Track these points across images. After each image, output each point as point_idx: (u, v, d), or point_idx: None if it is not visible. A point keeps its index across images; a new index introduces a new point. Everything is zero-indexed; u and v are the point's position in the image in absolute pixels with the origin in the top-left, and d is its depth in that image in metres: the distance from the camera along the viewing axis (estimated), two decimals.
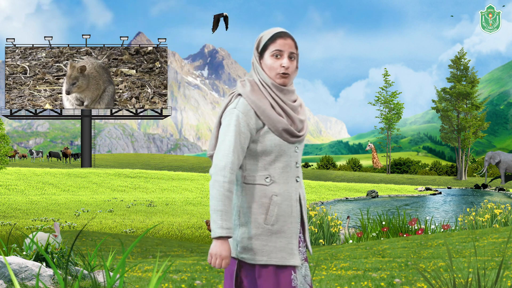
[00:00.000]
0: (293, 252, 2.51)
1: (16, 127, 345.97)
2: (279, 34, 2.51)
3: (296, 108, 2.55)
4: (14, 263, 4.52)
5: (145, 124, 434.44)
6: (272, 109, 2.49)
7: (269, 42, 2.51)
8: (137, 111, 54.48)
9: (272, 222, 2.48)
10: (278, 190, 2.50)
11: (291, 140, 2.51)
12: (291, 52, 2.51)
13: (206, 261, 7.66)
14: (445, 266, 6.49)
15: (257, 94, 2.50)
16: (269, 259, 2.47)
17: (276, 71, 2.50)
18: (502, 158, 49.03)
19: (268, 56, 2.51)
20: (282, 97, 2.52)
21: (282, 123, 2.48)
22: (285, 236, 2.50)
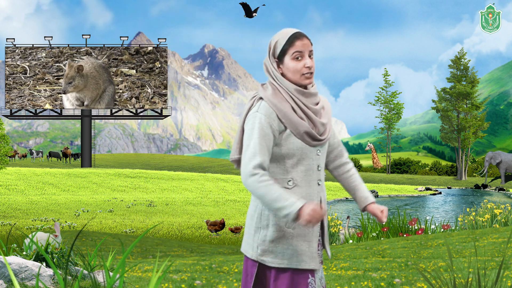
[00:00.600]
0: (313, 256, 2.51)
1: (16, 127, 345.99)
2: (295, 36, 2.49)
3: (318, 111, 2.53)
4: (14, 263, 4.52)
5: (145, 124, 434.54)
6: (293, 112, 2.49)
7: (287, 46, 2.49)
8: (137, 111, 54.48)
9: (294, 226, 2.48)
10: (300, 194, 2.49)
11: (312, 143, 2.50)
12: (310, 50, 2.51)
13: (206, 261, 7.65)
14: (445, 266, 6.49)
15: (278, 97, 2.50)
16: (290, 262, 2.48)
17: (301, 72, 2.49)
18: (502, 159, 49.03)
19: (289, 60, 2.49)
20: (304, 100, 2.51)
21: (303, 126, 2.48)
22: (306, 239, 2.50)
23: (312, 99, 2.52)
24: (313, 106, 2.52)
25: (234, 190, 33.88)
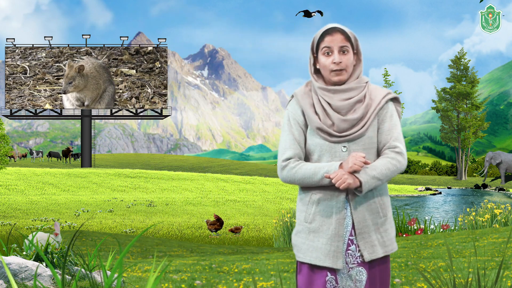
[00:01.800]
0: (331, 254, 2.44)
1: (16, 127, 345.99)
2: (326, 32, 2.49)
3: (343, 107, 2.47)
4: (14, 263, 4.51)
5: (145, 124, 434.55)
6: (311, 107, 2.50)
7: (319, 41, 2.50)
8: (137, 111, 54.48)
9: (310, 220, 2.49)
10: (317, 190, 2.48)
11: (331, 140, 2.47)
12: (341, 46, 2.47)
13: (206, 261, 7.65)
14: (445, 266, 6.48)
15: (305, 93, 2.54)
16: (304, 256, 2.48)
17: (329, 68, 2.48)
18: (503, 159, 49.03)
19: (321, 56, 2.50)
20: (328, 97, 2.49)
21: (315, 122, 2.48)
22: (324, 236, 2.46)
23: (341, 95, 2.48)
24: (338, 102, 2.48)
25: (234, 190, 33.88)
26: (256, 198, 29.92)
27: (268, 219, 21.54)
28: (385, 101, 2.52)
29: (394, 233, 2.55)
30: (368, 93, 2.53)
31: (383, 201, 2.51)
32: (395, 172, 2.47)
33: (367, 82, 2.55)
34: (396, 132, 2.52)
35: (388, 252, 2.50)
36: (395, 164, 2.46)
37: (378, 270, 2.50)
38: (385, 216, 2.51)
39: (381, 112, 2.53)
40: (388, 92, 2.55)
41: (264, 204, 27.81)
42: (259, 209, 25.77)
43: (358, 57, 2.54)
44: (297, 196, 2.60)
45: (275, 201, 29.23)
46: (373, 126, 2.51)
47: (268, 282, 5.51)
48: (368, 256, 2.45)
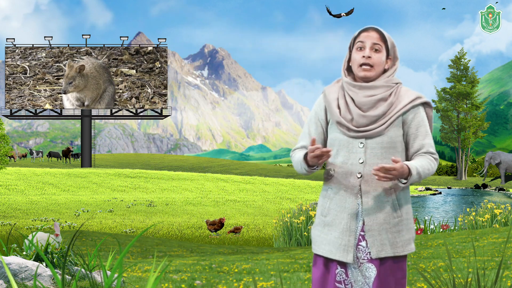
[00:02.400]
0: (341, 248, 2.48)
1: (16, 127, 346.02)
2: (363, 29, 2.57)
3: (365, 104, 2.50)
4: (14, 263, 4.52)
5: (145, 124, 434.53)
6: (335, 101, 2.56)
7: (355, 37, 2.57)
8: (137, 111, 54.49)
9: (325, 214, 2.55)
10: (333, 184, 2.53)
11: (349, 134, 2.50)
12: (374, 43, 2.52)
13: (206, 261, 7.65)
14: (445, 266, 6.49)
15: (332, 89, 2.61)
16: (318, 249, 2.55)
17: (358, 62, 2.52)
18: (502, 159, 49.03)
19: (354, 50, 2.56)
20: (353, 92, 2.53)
21: (335, 116, 2.53)
22: (336, 230, 2.50)
23: (365, 91, 2.52)
24: (362, 98, 2.51)
25: (234, 190, 33.88)
26: (256, 198, 29.92)
27: (268, 219, 21.55)
28: (412, 105, 2.52)
29: (412, 235, 2.53)
30: (396, 93, 2.54)
31: (399, 202, 2.51)
32: (430, 174, 2.52)
33: (397, 83, 2.56)
34: (430, 139, 2.54)
35: (400, 253, 2.48)
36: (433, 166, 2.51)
37: (389, 270, 2.48)
38: (399, 217, 2.50)
39: (410, 115, 2.52)
40: (418, 96, 2.54)
41: (264, 204, 27.81)
42: (259, 209, 25.77)
43: (393, 62, 2.57)
44: (297, 196, 2.65)
45: (275, 201, 29.23)
46: (396, 127, 2.51)
47: (268, 282, 5.51)
48: (375, 253, 2.46)
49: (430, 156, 2.50)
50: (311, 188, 36.16)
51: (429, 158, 2.49)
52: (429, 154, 2.50)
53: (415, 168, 2.42)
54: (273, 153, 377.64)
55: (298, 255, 8.84)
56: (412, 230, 2.55)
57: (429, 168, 2.48)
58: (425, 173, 2.47)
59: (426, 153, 2.51)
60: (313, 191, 34.04)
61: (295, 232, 13.39)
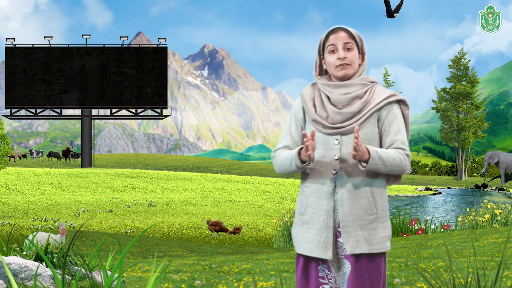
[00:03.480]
0: (320, 245, 2.50)
1: (16, 127, 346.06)
2: (331, 31, 2.59)
3: (341, 101, 2.53)
4: (14, 263, 4.52)
5: (145, 124, 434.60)
6: (311, 100, 2.60)
7: (325, 41, 2.59)
8: (137, 111, 54.49)
9: (303, 212, 2.56)
10: (310, 182, 2.55)
11: (324, 131, 2.53)
12: (345, 42, 2.55)
13: (206, 261, 7.65)
14: (445, 266, 6.49)
15: (309, 89, 2.64)
16: (299, 247, 2.56)
17: (334, 64, 2.55)
18: (501, 158, 49.03)
19: (326, 54, 2.58)
20: (329, 91, 2.56)
21: (311, 113, 2.56)
22: (314, 227, 2.51)
23: (341, 89, 2.55)
24: (337, 96, 2.54)
25: (234, 190, 33.88)
26: (256, 198, 29.93)
27: (268, 219, 21.55)
28: (387, 102, 2.54)
29: (387, 233, 2.53)
30: (371, 91, 2.56)
31: (375, 199, 2.51)
32: (399, 167, 2.48)
33: (373, 82, 2.59)
34: (402, 135, 2.53)
35: (374, 251, 2.48)
36: (402, 159, 2.48)
37: (364, 268, 2.48)
38: (375, 214, 2.50)
39: (383, 112, 2.55)
40: (393, 94, 2.56)
41: (264, 204, 27.81)
42: (259, 209, 25.77)
43: (363, 57, 2.61)
44: (297, 195, 2.66)
45: (275, 201, 29.23)
46: (371, 124, 2.53)
47: (268, 282, 5.51)
48: (350, 249, 2.48)
49: (401, 150, 2.50)
50: None
51: (398, 151, 2.48)
52: (399, 149, 2.50)
53: (374, 150, 2.42)
54: None
55: None
56: (388, 228, 2.54)
57: (396, 159, 2.46)
58: (391, 162, 2.44)
59: (397, 148, 2.51)
60: None
61: None
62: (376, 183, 2.52)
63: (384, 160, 2.42)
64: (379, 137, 2.55)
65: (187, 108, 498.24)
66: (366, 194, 2.50)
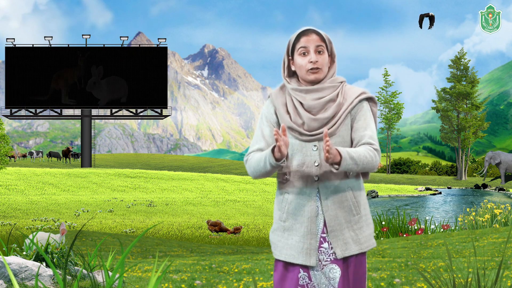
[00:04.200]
0: (303, 252, 2.48)
1: (16, 127, 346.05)
2: (302, 33, 2.54)
3: (315, 107, 2.50)
4: (14, 263, 4.52)
5: (145, 124, 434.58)
6: (283, 107, 2.55)
7: (295, 42, 2.54)
8: (137, 111, 54.48)
9: (284, 219, 2.53)
10: (290, 188, 2.52)
11: (301, 139, 2.50)
12: (317, 45, 2.52)
13: (206, 261, 7.65)
14: (445, 266, 6.49)
15: (279, 93, 2.59)
16: (280, 254, 2.53)
17: (306, 68, 2.51)
18: (502, 159, 49.01)
19: (297, 56, 2.54)
20: (301, 97, 2.52)
21: (286, 121, 2.52)
22: (297, 234, 2.49)
23: (313, 94, 2.52)
24: (310, 101, 2.51)
25: (234, 190, 33.88)
26: (256, 198, 29.93)
27: (268, 219, 21.55)
28: (358, 100, 2.55)
29: (371, 230, 2.56)
30: (342, 92, 2.55)
31: (356, 199, 2.52)
32: (370, 164, 2.47)
33: (341, 82, 2.57)
34: (370, 131, 2.53)
35: (364, 249, 2.51)
36: (372, 156, 2.47)
37: (352, 268, 2.50)
38: (359, 213, 2.52)
39: (354, 111, 2.55)
40: (363, 91, 2.57)
41: (264, 204, 27.82)
42: (259, 209, 25.78)
43: (332, 59, 2.58)
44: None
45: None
46: (345, 125, 2.53)
47: (268, 282, 5.52)
48: (340, 253, 2.48)
49: (369, 146, 2.49)
50: None
51: (367, 148, 2.48)
52: (367, 145, 2.50)
53: (345, 151, 2.40)
54: None
55: None
56: (372, 225, 2.57)
57: (367, 156, 2.45)
58: (362, 160, 2.43)
59: (365, 144, 2.51)
60: None
61: None
62: (355, 184, 2.53)
63: (355, 159, 2.41)
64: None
65: (187, 108, 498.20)
66: (349, 195, 2.51)
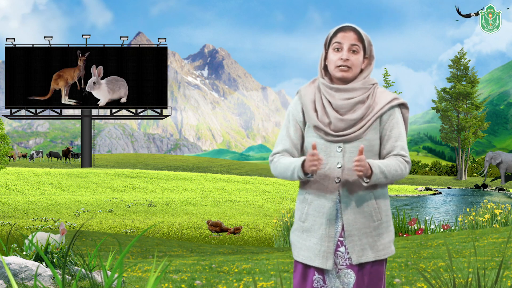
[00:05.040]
0: (320, 254, 2.43)
1: (16, 127, 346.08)
2: (340, 28, 2.49)
3: (343, 107, 2.45)
4: (14, 263, 4.51)
5: (145, 124, 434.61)
6: (311, 104, 2.50)
7: (332, 37, 2.49)
8: (137, 111, 54.48)
9: (303, 219, 2.49)
10: (311, 189, 2.47)
11: (327, 138, 2.45)
12: (352, 44, 2.46)
13: (206, 261, 7.65)
14: (445, 266, 6.48)
15: (308, 90, 2.54)
16: (298, 255, 2.50)
17: (336, 64, 2.46)
18: (503, 159, 49.01)
19: (330, 50, 2.49)
20: (330, 95, 2.47)
21: (312, 119, 2.47)
22: (315, 236, 2.45)
23: (343, 94, 2.46)
24: (339, 101, 2.45)
25: (234, 190, 33.88)
26: (256, 198, 29.92)
27: (268, 219, 21.55)
28: (390, 107, 2.48)
29: (391, 238, 2.50)
30: (373, 95, 2.49)
31: (378, 205, 2.47)
32: (399, 176, 2.44)
33: (374, 84, 2.51)
34: (402, 141, 2.48)
35: (381, 257, 2.45)
36: (402, 169, 2.44)
37: (368, 275, 2.45)
38: (379, 220, 2.46)
39: (385, 117, 2.48)
40: (395, 97, 2.50)
41: (264, 204, 27.81)
42: (259, 209, 25.77)
43: (369, 61, 2.52)
44: (296, 195, 2.59)
45: (275, 201, 29.23)
46: (374, 130, 2.47)
47: (268, 282, 5.51)
48: (356, 259, 2.43)
49: (401, 158, 2.45)
50: None
51: (398, 160, 2.44)
52: (399, 156, 2.45)
53: (377, 166, 2.37)
54: None
55: None
56: (392, 232, 2.51)
57: (397, 169, 2.42)
58: (392, 173, 2.41)
59: (397, 155, 2.46)
60: None
61: None
62: (378, 189, 2.47)
63: (385, 173, 2.38)
64: (379, 141, 2.50)
65: (187, 108, 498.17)
66: (370, 201, 2.45)
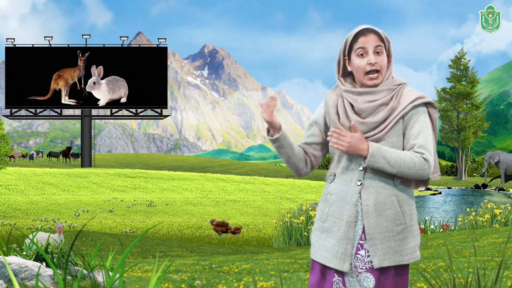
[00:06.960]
0: (338, 256, 2.39)
1: (16, 127, 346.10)
2: (360, 32, 2.41)
3: (365, 110, 2.40)
4: (14, 263, 4.52)
5: (145, 124, 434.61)
6: (334, 107, 2.47)
7: (353, 42, 2.42)
8: (137, 111, 54.48)
9: (324, 220, 2.46)
10: (333, 190, 2.44)
11: None
12: (376, 45, 2.40)
13: (206, 261, 7.65)
14: (445, 266, 6.49)
15: (332, 94, 2.52)
16: (316, 254, 2.46)
17: (364, 70, 2.39)
18: (501, 158, 49.04)
19: (354, 57, 2.42)
20: (353, 99, 2.42)
21: (334, 122, 2.45)
22: (334, 237, 2.41)
23: (365, 97, 2.41)
24: (362, 104, 2.41)
25: (234, 190, 33.88)
26: (256, 198, 29.93)
27: (268, 219, 21.55)
28: (412, 106, 2.39)
29: (416, 242, 2.42)
30: (398, 96, 2.42)
31: (402, 209, 2.39)
32: (411, 170, 2.32)
33: (400, 85, 2.44)
34: (422, 139, 2.36)
35: (404, 262, 2.37)
36: (416, 162, 2.32)
37: (391, 280, 2.38)
38: (403, 224, 2.38)
39: (407, 117, 2.40)
40: (420, 96, 2.41)
41: (264, 204, 27.82)
42: (259, 209, 25.78)
43: (389, 59, 2.46)
44: (297, 196, 2.61)
45: (275, 201, 29.23)
46: (396, 131, 2.40)
47: (268, 282, 5.52)
48: (378, 263, 2.35)
49: (417, 153, 2.34)
50: (311, 188, 36.15)
51: (413, 154, 2.33)
52: (417, 152, 2.35)
53: (376, 147, 2.31)
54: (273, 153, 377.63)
55: (298, 255, 8.84)
56: (418, 237, 2.44)
57: (407, 161, 2.31)
58: (398, 162, 2.31)
59: (414, 151, 2.36)
60: (313, 191, 34.03)
61: (295, 232, 13.40)
62: (403, 192, 2.40)
63: (388, 159, 2.30)
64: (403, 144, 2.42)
65: (187, 108, 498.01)
66: (393, 204, 2.37)
